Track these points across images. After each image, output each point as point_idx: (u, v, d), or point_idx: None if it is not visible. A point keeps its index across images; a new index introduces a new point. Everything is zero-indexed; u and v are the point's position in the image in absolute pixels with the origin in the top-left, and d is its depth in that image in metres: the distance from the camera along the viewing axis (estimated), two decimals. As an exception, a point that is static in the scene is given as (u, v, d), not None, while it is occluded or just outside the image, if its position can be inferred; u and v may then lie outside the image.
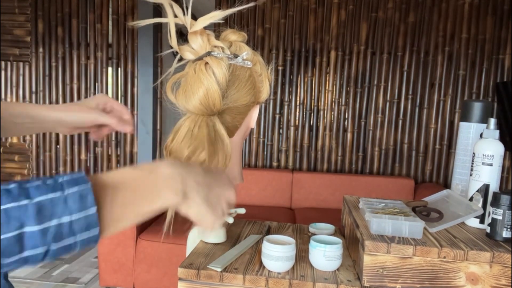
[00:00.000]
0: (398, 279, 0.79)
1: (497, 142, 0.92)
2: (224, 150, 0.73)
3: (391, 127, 3.23)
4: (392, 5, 3.11)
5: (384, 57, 3.15)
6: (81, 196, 0.38)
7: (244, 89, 0.76)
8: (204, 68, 0.70)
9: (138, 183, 0.45)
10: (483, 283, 0.78)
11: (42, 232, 0.36)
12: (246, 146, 3.33)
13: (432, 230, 0.88)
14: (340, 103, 3.24)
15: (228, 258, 0.88)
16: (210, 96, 0.70)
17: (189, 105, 0.72)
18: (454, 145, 3.21)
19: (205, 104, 0.71)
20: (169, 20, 0.66)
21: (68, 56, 3.45)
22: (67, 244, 0.38)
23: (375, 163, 3.26)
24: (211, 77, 0.70)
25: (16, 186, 0.36)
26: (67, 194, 0.38)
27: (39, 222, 0.36)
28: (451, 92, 3.14)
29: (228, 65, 0.72)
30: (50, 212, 0.37)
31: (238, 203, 3.06)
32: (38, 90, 3.51)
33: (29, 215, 0.36)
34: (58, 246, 0.38)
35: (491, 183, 0.93)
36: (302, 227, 1.18)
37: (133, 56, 3.39)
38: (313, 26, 3.18)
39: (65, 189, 0.38)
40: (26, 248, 0.36)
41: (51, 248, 0.37)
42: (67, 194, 0.38)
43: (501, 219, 0.83)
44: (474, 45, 3.09)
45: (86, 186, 0.39)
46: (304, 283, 0.80)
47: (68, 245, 0.38)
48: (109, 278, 2.26)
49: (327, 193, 3.06)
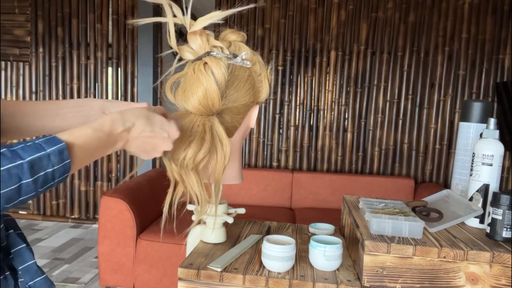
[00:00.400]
0: (398, 279, 0.79)
1: (497, 142, 0.92)
2: (222, 150, 0.73)
3: (391, 127, 3.23)
4: (392, 5, 3.11)
5: (384, 57, 3.15)
6: (60, 152, 0.51)
7: (243, 89, 0.76)
8: (203, 68, 0.70)
9: (98, 144, 0.58)
10: (483, 283, 0.78)
11: (34, 181, 0.49)
12: (246, 146, 3.33)
13: (432, 230, 0.88)
14: (340, 103, 3.24)
15: (228, 258, 0.88)
16: (209, 96, 0.70)
17: (188, 105, 0.72)
18: (454, 145, 3.21)
19: (204, 104, 0.71)
20: (168, 20, 0.66)
21: (68, 56, 3.45)
22: (49, 185, 0.52)
23: (375, 163, 3.26)
24: (210, 77, 0.70)
25: (6, 150, 0.48)
26: (50, 151, 0.50)
27: (32, 175, 0.49)
28: (451, 92, 3.14)
29: (227, 65, 0.72)
30: (39, 166, 0.49)
31: (238, 203, 3.06)
32: (38, 90, 3.51)
33: (24, 171, 0.48)
34: (43, 188, 0.51)
35: (491, 183, 0.93)
36: (302, 227, 1.18)
37: (133, 56, 3.39)
38: (313, 26, 3.18)
39: (46, 148, 0.50)
40: (22, 195, 0.49)
41: (38, 191, 0.50)
42: (49, 151, 0.50)
43: (501, 219, 0.83)
44: (474, 45, 3.09)
45: (62, 144, 0.52)
46: (304, 283, 0.80)
47: (50, 185, 0.52)
48: (109, 278, 2.26)
49: (327, 193, 3.06)
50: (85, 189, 3.55)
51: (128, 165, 3.50)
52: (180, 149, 0.70)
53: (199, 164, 0.72)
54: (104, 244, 2.23)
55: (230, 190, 3.06)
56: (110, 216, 2.20)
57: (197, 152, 0.70)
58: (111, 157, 3.52)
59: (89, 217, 3.57)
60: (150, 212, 2.45)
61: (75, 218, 3.57)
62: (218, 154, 0.72)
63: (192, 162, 0.70)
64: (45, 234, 3.24)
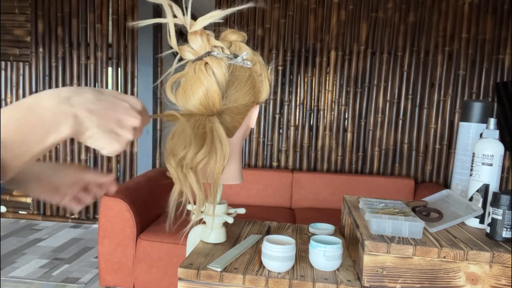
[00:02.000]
0: (398, 279, 0.79)
1: (497, 142, 0.92)
2: (222, 150, 0.73)
3: (391, 127, 3.23)
4: (392, 5, 3.11)
5: (384, 57, 3.15)
6: None
7: (243, 89, 0.76)
8: (204, 69, 0.70)
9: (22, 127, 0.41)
10: (483, 283, 0.78)
11: None
12: (246, 146, 3.33)
13: (432, 230, 0.88)
14: (340, 103, 3.24)
15: (228, 258, 0.88)
16: (210, 96, 0.70)
17: (188, 105, 0.72)
18: (454, 145, 3.21)
19: (205, 104, 0.71)
20: (169, 21, 0.66)
21: (68, 56, 3.45)
22: None
23: (375, 163, 3.26)
24: (211, 77, 0.70)
25: None
26: None
27: None
28: (451, 92, 3.14)
29: (228, 65, 0.71)
30: None
31: (238, 203, 3.06)
32: (38, 90, 3.51)
33: None
34: None
35: (491, 183, 0.93)
36: (302, 227, 1.18)
37: (133, 56, 3.39)
38: (313, 26, 3.18)
39: None
40: None
41: None
42: None
43: (501, 219, 0.83)
44: (474, 45, 3.09)
45: None
46: (304, 283, 0.80)
47: None
48: (109, 278, 2.27)
49: (327, 193, 3.06)
50: (85, 189, 3.55)
51: (128, 165, 3.50)
52: (180, 149, 0.70)
53: (199, 164, 0.72)
54: (104, 244, 2.23)
55: (230, 190, 3.06)
56: (110, 216, 2.20)
57: (197, 152, 0.70)
58: (111, 157, 3.52)
59: (89, 217, 3.57)
60: (150, 212, 2.45)
61: (75, 218, 3.57)
62: (217, 154, 0.72)
63: (191, 162, 0.70)
64: (45, 234, 3.24)
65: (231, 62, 0.73)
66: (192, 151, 0.70)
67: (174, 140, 0.70)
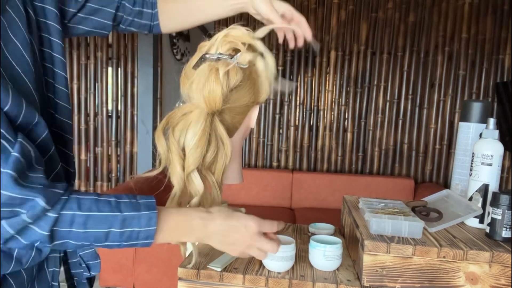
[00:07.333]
0: (397, 279, 0.79)
1: (497, 142, 0.92)
2: (224, 149, 0.73)
3: (391, 127, 3.23)
4: (392, 5, 3.11)
5: (384, 57, 3.15)
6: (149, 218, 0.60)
7: (243, 89, 0.75)
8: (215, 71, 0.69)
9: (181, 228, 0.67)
10: (482, 283, 0.78)
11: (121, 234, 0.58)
12: (246, 146, 3.33)
13: (431, 229, 0.88)
14: (340, 103, 3.24)
15: (228, 257, 0.88)
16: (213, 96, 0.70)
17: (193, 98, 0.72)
18: (454, 145, 3.21)
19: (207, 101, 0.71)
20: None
21: (68, 56, 3.45)
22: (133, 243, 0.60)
23: (375, 163, 3.26)
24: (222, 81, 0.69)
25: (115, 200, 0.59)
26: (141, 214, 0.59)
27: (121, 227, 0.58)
28: (451, 92, 3.14)
29: (241, 71, 0.71)
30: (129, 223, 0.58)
31: (238, 203, 3.06)
32: (38, 90, 3.51)
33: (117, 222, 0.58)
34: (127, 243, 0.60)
35: (491, 183, 0.93)
36: (302, 227, 1.18)
37: (133, 56, 3.39)
38: (313, 26, 3.18)
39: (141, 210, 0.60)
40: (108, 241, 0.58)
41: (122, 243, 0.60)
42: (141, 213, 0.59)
43: (501, 219, 0.83)
44: (474, 45, 3.09)
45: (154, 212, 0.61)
46: (304, 283, 0.80)
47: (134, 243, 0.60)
48: (109, 278, 2.27)
49: (327, 193, 3.06)
50: (85, 189, 3.55)
51: (128, 165, 3.50)
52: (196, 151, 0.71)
53: (208, 165, 0.72)
54: (104, 244, 2.23)
55: (230, 190, 3.06)
56: (110, 216, 2.20)
57: (205, 153, 0.70)
58: (111, 157, 3.52)
59: (89, 217, 3.57)
60: (150, 212, 2.45)
61: (75, 218, 3.56)
62: (219, 153, 0.72)
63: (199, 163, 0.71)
64: (45, 234, 3.23)
65: (237, 62, 0.72)
66: (201, 151, 0.70)
67: (173, 138, 0.71)
